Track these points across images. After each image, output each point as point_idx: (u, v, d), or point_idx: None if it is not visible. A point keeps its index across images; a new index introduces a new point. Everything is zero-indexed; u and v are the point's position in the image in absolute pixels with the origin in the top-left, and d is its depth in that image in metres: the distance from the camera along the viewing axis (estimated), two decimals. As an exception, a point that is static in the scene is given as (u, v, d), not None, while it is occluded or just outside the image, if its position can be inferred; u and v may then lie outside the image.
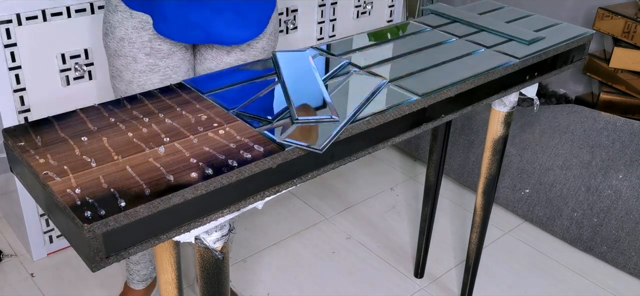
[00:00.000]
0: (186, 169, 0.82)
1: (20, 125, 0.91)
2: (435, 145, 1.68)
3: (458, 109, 1.18)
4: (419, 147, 2.53)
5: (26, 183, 0.87)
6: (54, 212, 0.78)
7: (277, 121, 0.96)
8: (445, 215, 2.25)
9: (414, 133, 1.09)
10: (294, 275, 1.93)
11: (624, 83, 2.43)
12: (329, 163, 0.95)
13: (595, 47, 2.64)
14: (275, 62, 1.16)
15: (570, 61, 1.43)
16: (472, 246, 1.66)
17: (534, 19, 1.52)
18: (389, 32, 1.42)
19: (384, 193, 2.37)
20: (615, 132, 2.08)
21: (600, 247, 2.00)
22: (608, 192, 1.99)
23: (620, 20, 2.37)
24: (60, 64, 1.75)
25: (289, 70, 1.11)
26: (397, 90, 1.10)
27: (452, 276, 1.96)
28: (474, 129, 2.35)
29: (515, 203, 2.20)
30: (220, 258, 0.92)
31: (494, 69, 1.22)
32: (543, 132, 2.21)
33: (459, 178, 2.39)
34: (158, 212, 0.76)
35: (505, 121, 1.45)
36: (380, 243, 2.09)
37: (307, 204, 2.27)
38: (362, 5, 2.47)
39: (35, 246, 1.91)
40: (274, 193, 0.90)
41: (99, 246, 0.72)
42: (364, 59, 1.23)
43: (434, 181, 1.73)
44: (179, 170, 0.82)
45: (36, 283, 1.84)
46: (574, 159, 2.09)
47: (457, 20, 1.48)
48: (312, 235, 2.11)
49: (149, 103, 1.00)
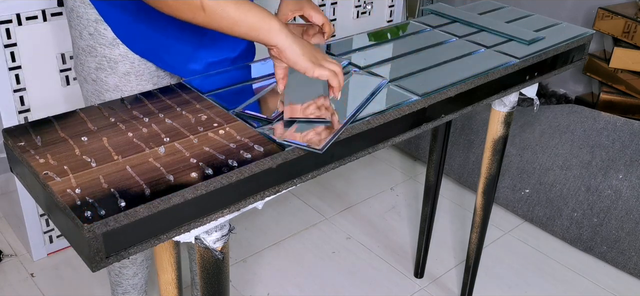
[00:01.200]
0: (186, 169, 0.82)
1: (20, 125, 0.91)
2: (435, 145, 1.68)
3: (458, 109, 1.18)
4: (419, 147, 2.53)
5: (26, 183, 0.87)
6: (54, 212, 0.78)
7: (277, 121, 0.96)
8: (445, 215, 2.25)
9: (414, 133, 1.09)
10: (294, 275, 1.93)
11: (624, 83, 2.43)
12: (329, 163, 0.95)
13: (595, 47, 2.64)
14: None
15: (570, 61, 1.43)
16: (472, 246, 1.66)
17: (534, 19, 1.51)
18: (389, 32, 1.41)
19: (384, 193, 2.37)
20: (615, 132, 2.08)
21: (600, 247, 2.00)
22: (608, 192, 1.99)
23: (620, 20, 2.37)
24: (60, 64, 1.75)
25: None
26: (397, 90, 1.10)
27: (452, 276, 1.95)
28: (474, 129, 2.35)
29: (515, 203, 2.20)
30: (220, 258, 0.92)
31: (494, 69, 1.22)
32: (543, 132, 2.21)
33: (459, 178, 2.39)
34: (158, 212, 0.76)
35: (505, 121, 1.45)
36: (380, 243, 2.09)
37: (307, 204, 2.27)
38: (362, 5, 2.47)
39: (35, 246, 1.91)
40: (274, 193, 0.90)
41: (99, 246, 0.72)
42: (364, 59, 1.23)
43: (434, 181, 1.73)
44: (179, 170, 0.82)
45: (36, 283, 1.84)
46: (574, 159, 2.09)
47: (457, 20, 1.48)
48: (312, 235, 2.11)
49: (149, 103, 1.00)
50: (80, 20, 1.12)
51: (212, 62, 1.17)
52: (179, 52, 1.14)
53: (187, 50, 1.14)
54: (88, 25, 1.12)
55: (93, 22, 1.11)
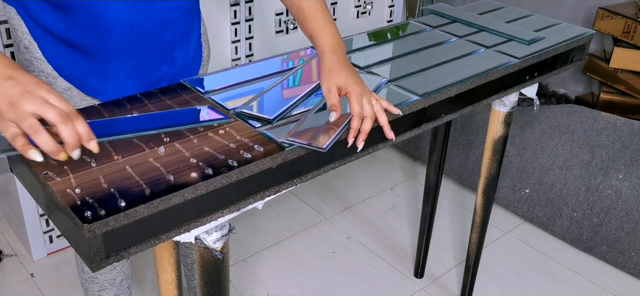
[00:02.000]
0: (186, 169, 0.82)
1: (20, 125, 0.91)
2: (435, 145, 1.68)
3: (458, 109, 1.18)
4: (419, 147, 2.53)
5: (26, 183, 0.87)
6: (54, 212, 0.78)
7: (277, 121, 0.96)
8: (445, 215, 2.25)
9: (414, 133, 1.09)
10: (294, 275, 1.93)
11: (624, 83, 2.43)
12: (329, 163, 0.95)
13: (595, 47, 2.64)
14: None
15: (570, 61, 1.43)
16: (472, 246, 1.66)
17: (534, 19, 1.52)
18: (389, 32, 1.42)
19: (384, 193, 2.37)
20: (615, 132, 2.08)
21: (600, 247, 2.00)
22: (608, 192, 1.99)
23: (620, 20, 2.37)
24: (60, 64, 1.75)
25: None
26: (397, 90, 1.10)
27: (452, 276, 1.95)
28: (474, 129, 2.35)
29: (515, 203, 2.20)
30: (220, 258, 0.92)
31: (494, 69, 1.22)
32: (543, 132, 2.21)
33: (459, 178, 2.39)
34: (158, 212, 0.76)
35: (505, 121, 1.45)
36: (380, 243, 2.09)
37: (307, 204, 2.27)
38: (362, 5, 2.47)
39: (35, 246, 1.91)
40: (274, 193, 0.90)
41: (99, 246, 0.72)
42: (364, 59, 1.23)
43: (434, 181, 1.73)
44: (179, 170, 0.82)
45: (36, 283, 1.84)
46: (574, 159, 2.09)
47: (457, 20, 1.48)
48: (312, 235, 2.11)
49: (149, 103, 1.00)
50: (15, 32, 1.05)
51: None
52: (110, 77, 1.05)
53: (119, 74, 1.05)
54: (23, 38, 1.04)
55: (27, 35, 1.03)
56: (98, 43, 0.99)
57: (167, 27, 1.05)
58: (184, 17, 1.08)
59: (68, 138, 0.74)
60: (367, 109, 0.95)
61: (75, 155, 0.75)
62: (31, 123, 0.73)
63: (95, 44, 0.99)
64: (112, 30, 0.99)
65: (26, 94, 0.74)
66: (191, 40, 1.14)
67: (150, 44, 1.04)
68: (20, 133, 0.73)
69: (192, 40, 1.15)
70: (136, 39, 1.02)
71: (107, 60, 1.02)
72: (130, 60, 1.04)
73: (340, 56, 1.02)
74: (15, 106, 0.73)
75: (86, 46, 0.99)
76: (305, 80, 1.10)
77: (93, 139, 0.77)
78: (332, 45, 1.02)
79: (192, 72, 1.17)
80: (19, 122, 0.73)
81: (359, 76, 1.00)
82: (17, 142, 0.73)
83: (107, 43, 1.00)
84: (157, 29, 1.04)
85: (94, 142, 0.77)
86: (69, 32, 0.98)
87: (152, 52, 1.06)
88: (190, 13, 1.11)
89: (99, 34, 0.98)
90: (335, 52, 1.01)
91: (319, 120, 0.97)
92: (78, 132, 0.75)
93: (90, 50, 1.00)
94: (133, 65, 1.05)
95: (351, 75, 0.98)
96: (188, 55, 1.15)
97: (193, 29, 1.14)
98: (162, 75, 1.10)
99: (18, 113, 0.73)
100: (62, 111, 0.74)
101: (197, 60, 1.19)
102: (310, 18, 1.05)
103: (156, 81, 1.10)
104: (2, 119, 0.74)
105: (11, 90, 0.74)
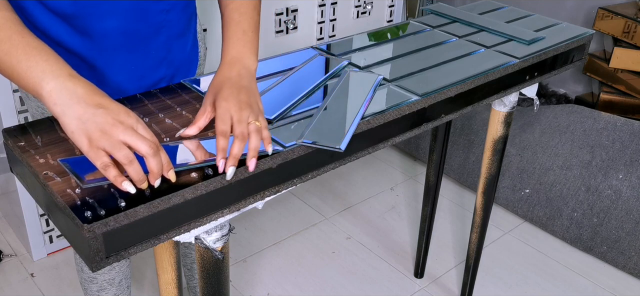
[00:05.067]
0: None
1: (20, 125, 0.91)
2: (435, 145, 1.67)
3: (458, 109, 1.18)
4: (419, 147, 2.53)
5: (26, 183, 0.87)
6: (54, 212, 0.78)
7: (276, 121, 0.96)
8: (445, 215, 2.25)
9: (414, 133, 1.09)
10: (294, 275, 1.93)
11: (624, 83, 2.43)
12: (328, 164, 0.95)
13: (595, 47, 2.64)
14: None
15: (570, 61, 1.43)
16: (472, 246, 1.66)
17: (534, 19, 1.52)
18: (389, 32, 1.42)
19: (384, 193, 2.37)
20: (615, 132, 2.08)
21: (600, 247, 2.00)
22: (608, 192, 1.99)
23: (620, 20, 2.37)
24: (60, 64, 1.75)
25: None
26: (397, 90, 1.10)
27: (452, 276, 1.95)
28: (474, 129, 2.35)
29: (515, 203, 2.20)
30: (220, 258, 0.92)
31: (494, 69, 1.22)
32: (543, 132, 2.21)
33: (459, 178, 2.39)
34: (158, 212, 0.76)
35: (505, 121, 1.45)
36: (380, 243, 2.09)
37: (307, 204, 2.27)
38: (362, 5, 2.47)
39: (35, 246, 1.91)
40: (274, 193, 0.90)
41: (99, 246, 0.72)
42: (364, 59, 1.23)
43: (434, 181, 1.73)
44: (179, 170, 0.82)
45: (36, 283, 1.84)
46: (574, 159, 2.09)
47: (457, 20, 1.48)
48: (312, 235, 2.11)
49: (149, 103, 1.00)
50: None
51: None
52: (108, 82, 1.04)
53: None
54: None
55: None
56: (95, 51, 1.00)
57: (162, 30, 1.05)
58: (178, 17, 1.08)
59: (155, 169, 0.75)
60: (238, 129, 0.84)
61: (157, 184, 0.77)
62: (126, 153, 0.74)
63: (92, 52, 1.00)
64: (108, 39, 0.99)
65: (118, 124, 0.75)
66: (188, 39, 1.14)
67: (147, 48, 1.05)
68: (112, 164, 0.74)
69: (188, 40, 1.15)
70: (133, 46, 1.02)
71: (105, 66, 1.03)
72: (128, 65, 1.04)
73: (236, 71, 0.94)
74: (108, 135, 0.74)
75: (84, 53, 1.00)
76: (305, 80, 1.10)
77: (172, 168, 0.78)
78: (231, 58, 0.97)
79: (189, 72, 1.17)
80: (112, 151, 0.74)
81: (252, 96, 0.91)
82: (109, 172, 0.74)
83: (104, 51, 1.00)
84: (152, 32, 1.04)
85: (172, 171, 0.78)
86: (67, 39, 0.98)
87: (149, 56, 1.06)
88: (185, 13, 1.11)
89: (96, 43, 0.99)
90: (232, 66, 0.94)
91: (330, 118, 0.97)
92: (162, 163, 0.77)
93: (88, 57, 1.01)
94: (131, 70, 1.05)
95: (238, 94, 0.89)
96: (185, 55, 1.15)
97: (189, 29, 1.14)
98: (161, 77, 1.10)
99: (112, 142, 0.74)
100: (152, 143, 0.76)
101: (194, 59, 1.19)
102: (226, 25, 1.01)
103: (155, 83, 1.10)
104: (92, 147, 0.74)
105: (103, 119, 0.75)
